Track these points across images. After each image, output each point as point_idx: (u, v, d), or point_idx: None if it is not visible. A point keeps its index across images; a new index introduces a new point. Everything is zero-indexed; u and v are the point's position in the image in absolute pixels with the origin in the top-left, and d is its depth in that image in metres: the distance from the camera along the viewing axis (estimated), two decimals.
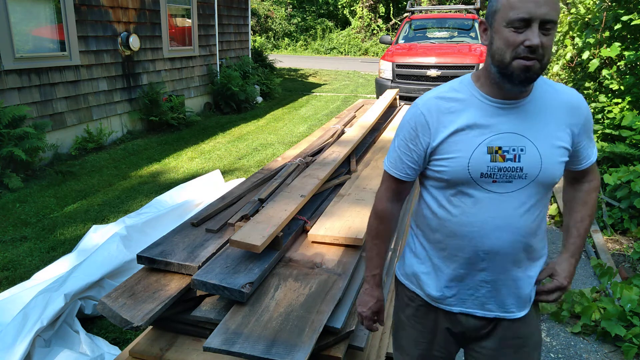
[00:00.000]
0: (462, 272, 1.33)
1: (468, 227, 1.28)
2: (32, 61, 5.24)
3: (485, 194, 1.26)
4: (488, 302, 1.35)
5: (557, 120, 1.25)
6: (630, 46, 4.74)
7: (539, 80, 1.26)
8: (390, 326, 2.52)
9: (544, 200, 1.30)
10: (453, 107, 1.27)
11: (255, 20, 22.01)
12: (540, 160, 1.22)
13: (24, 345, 2.13)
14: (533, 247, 1.31)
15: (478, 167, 1.24)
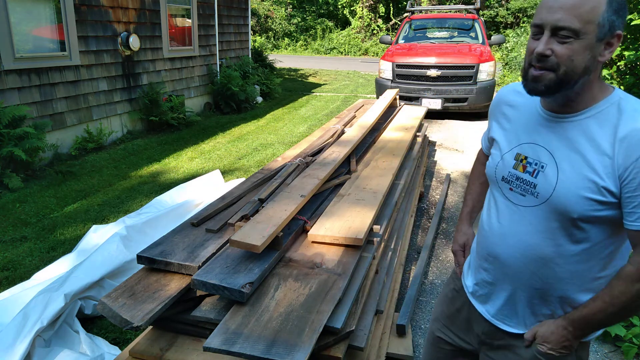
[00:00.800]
0: (479, 268, 1.40)
1: (486, 226, 1.34)
2: (32, 61, 5.25)
3: (503, 199, 1.27)
4: (492, 304, 1.37)
5: (603, 150, 1.07)
6: (630, 46, 4.74)
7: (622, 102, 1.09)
8: (390, 326, 2.52)
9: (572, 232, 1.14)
10: (514, 102, 1.30)
11: (255, 20, 22.01)
12: (555, 184, 1.13)
13: (24, 345, 2.13)
14: (544, 279, 1.22)
15: (502, 170, 1.26)
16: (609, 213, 1.10)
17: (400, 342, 2.48)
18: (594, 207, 1.09)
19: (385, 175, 2.77)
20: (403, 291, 3.08)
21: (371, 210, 2.21)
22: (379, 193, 2.47)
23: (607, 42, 1.06)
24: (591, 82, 1.10)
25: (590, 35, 1.03)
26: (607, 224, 1.13)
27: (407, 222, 3.35)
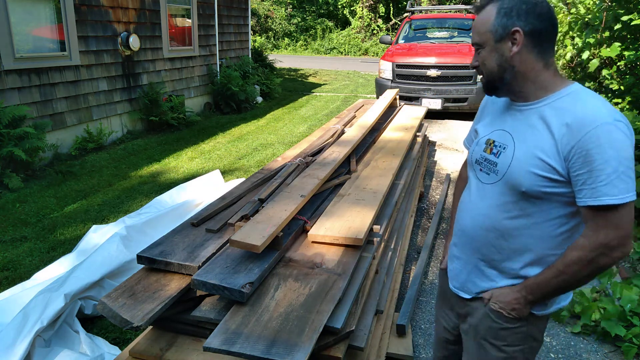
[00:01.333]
0: (452, 246, 1.56)
1: (461, 205, 1.51)
2: (32, 61, 5.25)
3: (475, 180, 1.44)
4: (457, 278, 1.52)
5: (553, 133, 1.22)
6: (630, 46, 4.74)
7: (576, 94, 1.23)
8: (390, 326, 2.52)
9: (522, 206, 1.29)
10: (496, 99, 1.46)
11: (255, 20, 22.01)
12: (510, 161, 1.29)
13: (24, 345, 2.13)
14: (504, 251, 1.35)
15: (476, 154, 1.44)
16: (558, 190, 1.23)
17: (400, 342, 2.48)
18: (541, 182, 1.23)
19: (385, 175, 2.77)
20: (403, 291, 3.08)
21: (371, 210, 2.21)
22: (379, 193, 2.47)
23: (509, 40, 1.26)
24: (525, 75, 1.27)
25: (489, 41, 1.28)
26: (560, 202, 1.25)
27: (407, 222, 3.35)
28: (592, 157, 1.15)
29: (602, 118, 1.15)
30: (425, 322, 2.83)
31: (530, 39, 1.24)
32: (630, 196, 1.15)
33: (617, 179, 1.14)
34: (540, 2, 1.23)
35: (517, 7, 1.23)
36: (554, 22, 1.24)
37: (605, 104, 1.20)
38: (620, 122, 1.16)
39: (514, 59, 1.26)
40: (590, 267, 1.21)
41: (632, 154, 1.15)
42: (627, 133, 1.15)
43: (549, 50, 1.26)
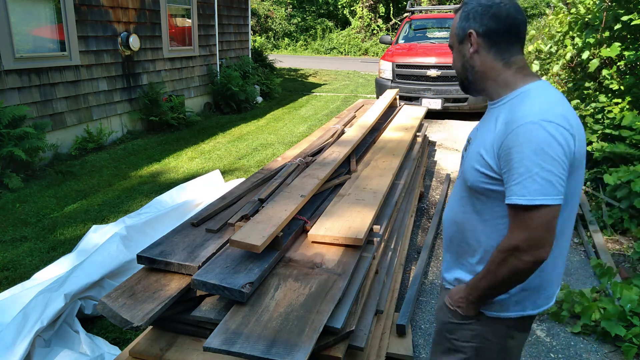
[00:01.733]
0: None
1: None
2: (32, 61, 5.24)
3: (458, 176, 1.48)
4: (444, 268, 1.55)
5: (495, 131, 1.24)
6: (630, 46, 4.73)
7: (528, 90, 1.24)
8: (390, 326, 2.52)
9: (473, 201, 1.33)
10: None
11: (255, 20, 22.01)
12: (464, 159, 1.39)
13: (24, 345, 2.13)
14: (462, 244, 1.40)
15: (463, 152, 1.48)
16: (497, 188, 1.24)
17: (400, 342, 2.48)
18: (481, 178, 1.27)
19: (385, 175, 2.77)
20: (403, 291, 3.08)
21: (371, 210, 2.21)
22: (379, 193, 2.47)
23: (468, 42, 1.31)
24: (486, 74, 1.31)
25: (455, 44, 1.36)
26: (502, 200, 1.23)
27: (407, 222, 3.35)
28: (511, 156, 1.15)
29: (528, 117, 1.15)
30: (425, 322, 2.83)
31: (486, 40, 1.28)
32: (542, 199, 1.11)
33: (528, 179, 1.12)
34: (497, 4, 1.25)
35: (473, 10, 1.28)
36: (511, 21, 1.25)
37: (546, 103, 1.18)
38: (550, 122, 1.13)
39: (473, 59, 1.31)
40: (504, 268, 1.20)
41: (556, 156, 1.12)
42: (554, 134, 1.12)
43: (509, 50, 1.28)
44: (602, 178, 4.29)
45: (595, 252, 3.65)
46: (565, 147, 1.13)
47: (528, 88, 1.24)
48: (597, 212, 4.13)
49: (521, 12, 1.27)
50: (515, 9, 1.26)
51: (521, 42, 1.29)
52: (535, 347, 2.65)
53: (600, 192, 4.36)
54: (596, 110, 4.94)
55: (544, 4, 19.03)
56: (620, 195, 3.89)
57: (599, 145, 4.54)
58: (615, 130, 4.55)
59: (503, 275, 1.22)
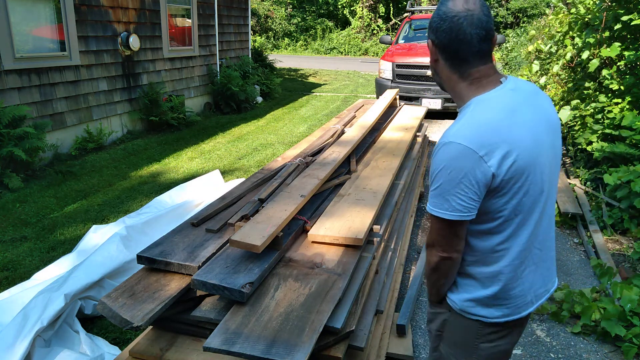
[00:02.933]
0: None
1: None
2: (32, 61, 5.24)
3: None
4: None
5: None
6: (630, 46, 4.74)
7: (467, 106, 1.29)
8: (390, 326, 2.52)
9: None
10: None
11: (255, 20, 22.01)
12: None
13: (24, 345, 2.13)
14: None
15: None
16: None
17: (400, 342, 2.48)
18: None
19: (385, 175, 2.77)
20: (403, 291, 3.08)
21: (371, 210, 2.21)
22: (379, 193, 2.47)
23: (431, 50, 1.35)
24: (446, 83, 1.35)
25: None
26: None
27: (407, 222, 3.35)
28: (432, 166, 1.28)
29: (445, 137, 1.24)
30: (425, 322, 2.83)
31: (441, 52, 1.30)
32: (437, 212, 1.25)
33: (432, 192, 1.26)
34: (451, 18, 1.24)
35: (432, 21, 1.31)
36: (462, 37, 1.23)
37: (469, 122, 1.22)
38: (459, 144, 1.19)
39: (437, 67, 1.35)
40: (428, 265, 1.38)
41: (456, 177, 1.19)
42: (457, 156, 1.19)
43: (462, 64, 1.28)
44: (602, 178, 4.29)
45: (595, 252, 3.65)
46: (467, 169, 1.18)
47: (470, 103, 1.28)
48: (597, 212, 4.13)
49: (480, 24, 1.23)
50: (470, 23, 1.22)
51: (480, 54, 1.26)
52: (535, 347, 2.65)
53: (600, 192, 4.36)
54: (596, 110, 4.94)
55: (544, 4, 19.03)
56: (620, 195, 3.89)
57: (599, 145, 4.54)
58: (615, 130, 4.55)
59: (429, 267, 1.39)
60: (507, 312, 1.37)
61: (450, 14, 1.24)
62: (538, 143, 1.25)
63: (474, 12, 1.23)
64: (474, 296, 1.36)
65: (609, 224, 3.96)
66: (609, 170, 4.06)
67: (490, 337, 1.40)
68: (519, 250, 1.31)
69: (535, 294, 1.40)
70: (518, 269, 1.33)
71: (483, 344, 1.40)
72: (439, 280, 1.39)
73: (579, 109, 5.17)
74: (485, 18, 1.24)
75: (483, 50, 1.26)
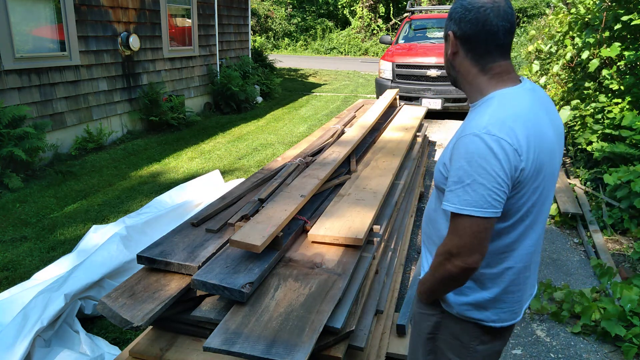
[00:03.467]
0: None
1: None
2: (32, 61, 5.24)
3: None
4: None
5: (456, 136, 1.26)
6: (630, 46, 4.74)
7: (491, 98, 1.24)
8: (390, 326, 2.52)
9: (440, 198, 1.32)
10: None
11: (255, 20, 22.01)
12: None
13: (24, 345, 2.13)
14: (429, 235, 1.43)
15: None
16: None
17: (400, 342, 2.48)
18: (442, 179, 1.28)
19: (385, 175, 2.77)
20: (403, 291, 3.08)
21: (371, 210, 2.21)
22: (379, 193, 2.47)
23: (449, 42, 1.30)
24: (464, 77, 1.31)
25: (445, 41, 1.33)
26: None
27: (407, 222, 3.35)
28: (451, 164, 1.19)
29: (472, 128, 1.16)
30: None
31: (463, 44, 1.26)
32: (469, 210, 1.13)
33: (460, 189, 1.14)
34: (477, 8, 1.21)
35: (454, 12, 1.27)
36: (488, 28, 1.21)
37: (498, 114, 1.17)
38: (492, 135, 1.13)
39: (454, 60, 1.31)
40: (440, 270, 1.24)
41: (492, 170, 1.12)
42: (492, 147, 1.12)
43: (486, 56, 1.25)
44: (602, 178, 4.29)
45: (595, 252, 3.65)
46: (503, 161, 1.12)
47: (492, 96, 1.23)
48: (597, 212, 4.13)
49: (505, 17, 1.21)
50: (497, 14, 1.20)
51: (502, 48, 1.24)
52: (535, 347, 2.65)
53: (600, 192, 4.36)
54: (596, 110, 4.94)
55: (544, 4, 19.02)
56: (620, 195, 3.89)
57: (599, 145, 4.54)
58: (615, 130, 4.56)
59: (439, 277, 1.26)
60: (504, 317, 1.34)
61: (476, 4, 1.21)
62: (551, 146, 1.24)
63: (500, 3, 1.21)
64: (472, 299, 1.32)
65: (609, 224, 3.96)
66: (609, 170, 4.06)
67: (486, 339, 1.38)
68: (526, 253, 1.28)
69: (520, 306, 1.38)
70: (522, 272, 1.31)
71: (479, 346, 1.38)
72: (450, 289, 1.31)
73: (579, 109, 5.17)
74: (510, 11, 1.22)
75: (506, 44, 1.24)
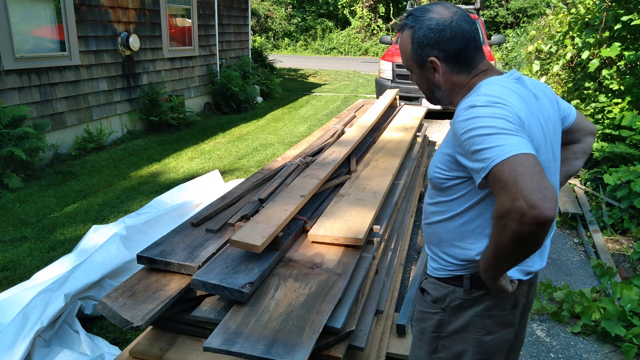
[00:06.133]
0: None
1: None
2: (32, 61, 5.24)
3: None
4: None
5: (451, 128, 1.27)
6: (630, 46, 4.74)
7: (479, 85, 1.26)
8: (390, 326, 2.52)
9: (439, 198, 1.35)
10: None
11: (255, 20, 22.01)
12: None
13: (24, 345, 2.13)
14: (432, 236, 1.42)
15: None
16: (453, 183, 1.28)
17: (400, 342, 2.48)
18: (438, 172, 1.31)
19: (385, 176, 2.77)
20: (403, 291, 3.08)
21: (371, 211, 2.21)
22: (379, 193, 2.47)
23: (431, 67, 1.32)
24: (453, 90, 1.34)
25: (415, 68, 1.37)
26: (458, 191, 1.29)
27: (407, 222, 3.36)
28: (462, 141, 1.16)
29: (466, 104, 1.18)
30: None
31: (449, 62, 1.29)
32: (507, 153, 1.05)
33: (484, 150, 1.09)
34: (449, 24, 1.25)
35: (427, 38, 1.28)
36: (467, 36, 1.26)
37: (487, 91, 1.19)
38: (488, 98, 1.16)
39: (440, 81, 1.33)
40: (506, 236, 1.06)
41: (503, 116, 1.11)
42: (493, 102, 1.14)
43: (471, 62, 1.30)
44: (602, 178, 4.29)
45: (595, 252, 3.65)
46: (509, 106, 1.14)
47: (480, 84, 1.26)
48: (597, 212, 4.13)
49: (470, 20, 1.28)
50: (465, 21, 1.26)
51: (479, 48, 1.30)
52: (535, 347, 2.65)
53: (600, 192, 4.36)
54: (596, 110, 4.94)
55: (544, 4, 19.03)
56: (620, 195, 3.89)
57: (599, 145, 4.54)
58: (615, 130, 4.56)
59: (509, 244, 1.08)
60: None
61: (445, 21, 1.26)
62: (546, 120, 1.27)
63: (457, 12, 1.27)
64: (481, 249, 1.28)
65: (609, 224, 3.96)
66: (609, 170, 4.06)
67: (492, 329, 1.39)
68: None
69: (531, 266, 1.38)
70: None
71: (486, 336, 1.39)
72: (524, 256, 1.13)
73: (579, 109, 5.17)
74: (467, 13, 1.29)
75: (480, 43, 1.30)
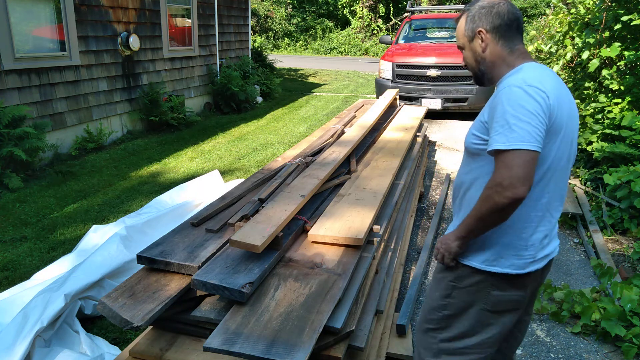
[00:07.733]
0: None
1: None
2: (32, 61, 5.24)
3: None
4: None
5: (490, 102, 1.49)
6: (630, 46, 4.74)
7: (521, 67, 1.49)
8: (390, 326, 2.52)
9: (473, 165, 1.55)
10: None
11: (255, 20, 22.01)
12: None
13: (24, 345, 2.13)
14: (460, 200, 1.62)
15: None
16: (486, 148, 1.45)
17: (400, 342, 2.48)
18: (474, 139, 1.51)
19: (385, 176, 2.77)
20: (403, 291, 3.08)
21: (371, 211, 2.21)
22: (378, 193, 2.47)
23: (478, 39, 1.57)
24: (495, 62, 1.57)
25: (466, 43, 1.62)
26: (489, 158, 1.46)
27: (407, 222, 3.35)
28: (495, 112, 1.40)
29: (511, 82, 1.40)
30: None
31: (494, 34, 1.54)
32: (519, 144, 1.31)
33: (507, 129, 1.33)
34: (497, 4, 1.54)
35: (478, 13, 1.57)
36: (511, 16, 1.52)
37: (531, 74, 1.41)
38: (529, 85, 1.36)
39: (485, 52, 1.58)
40: (487, 204, 1.38)
41: (533, 110, 1.33)
42: (530, 93, 1.35)
43: (513, 39, 1.54)
44: (602, 178, 4.29)
45: (595, 252, 3.65)
46: (542, 104, 1.34)
47: (522, 67, 1.49)
48: (597, 212, 4.13)
49: (516, 8, 1.55)
50: (510, 6, 1.54)
51: (521, 33, 1.56)
52: (535, 347, 2.65)
53: (600, 192, 4.36)
54: (596, 110, 4.94)
55: (544, 4, 19.03)
56: (620, 195, 3.89)
57: (599, 145, 4.54)
58: (615, 130, 4.56)
59: (486, 210, 1.39)
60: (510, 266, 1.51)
61: (493, 2, 1.54)
62: (570, 112, 1.46)
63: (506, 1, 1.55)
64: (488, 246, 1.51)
65: (609, 224, 3.96)
66: (609, 170, 4.06)
67: (503, 286, 1.54)
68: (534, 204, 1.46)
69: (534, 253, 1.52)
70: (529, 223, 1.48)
71: (495, 291, 1.55)
72: (493, 225, 1.44)
73: (579, 109, 5.17)
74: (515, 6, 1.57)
75: (522, 29, 1.56)
